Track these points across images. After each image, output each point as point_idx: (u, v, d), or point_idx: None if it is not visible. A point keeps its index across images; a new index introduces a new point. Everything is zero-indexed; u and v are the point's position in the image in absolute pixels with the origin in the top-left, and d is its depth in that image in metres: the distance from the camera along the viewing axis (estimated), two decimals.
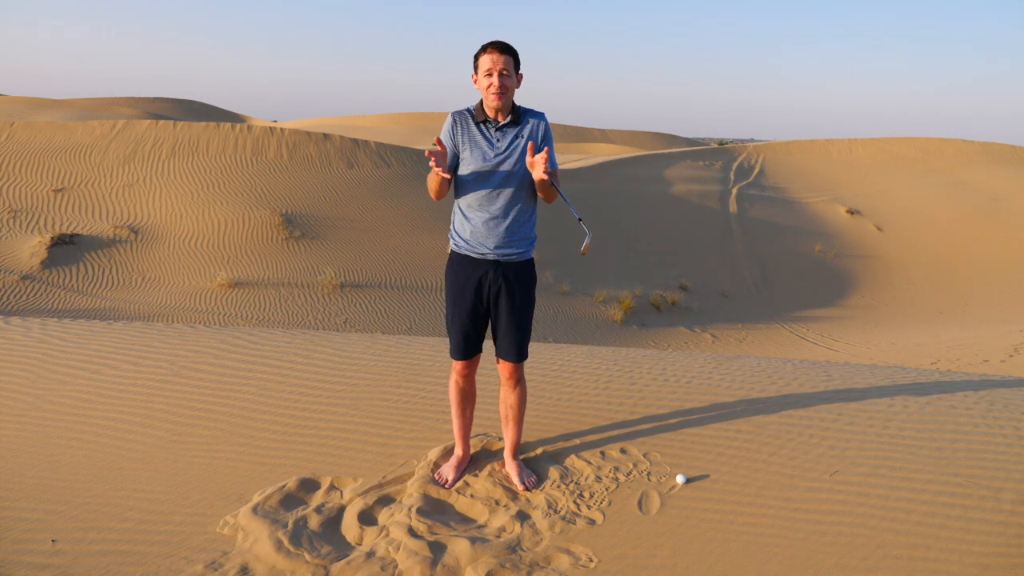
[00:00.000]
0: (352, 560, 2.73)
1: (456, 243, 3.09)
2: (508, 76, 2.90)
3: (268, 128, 20.04)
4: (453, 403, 3.23)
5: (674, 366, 4.51)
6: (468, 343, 3.12)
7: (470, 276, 3.05)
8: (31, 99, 55.88)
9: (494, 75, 2.88)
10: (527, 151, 2.92)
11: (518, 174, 2.98)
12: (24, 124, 19.41)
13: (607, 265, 18.39)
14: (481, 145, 2.98)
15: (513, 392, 3.17)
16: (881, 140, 37.44)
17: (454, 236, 3.11)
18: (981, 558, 2.66)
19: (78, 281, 13.44)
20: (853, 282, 21.17)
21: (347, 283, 14.45)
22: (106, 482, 3.25)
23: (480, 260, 3.03)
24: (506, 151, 2.98)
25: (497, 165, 2.97)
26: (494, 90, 2.89)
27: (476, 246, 3.02)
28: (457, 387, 3.21)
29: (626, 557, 2.74)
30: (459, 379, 3.19)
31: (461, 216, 3.06)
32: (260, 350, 4.66)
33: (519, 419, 3.21)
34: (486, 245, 3.01)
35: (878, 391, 4.09)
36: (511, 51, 2.91)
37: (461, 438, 3.25)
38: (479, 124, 3.00)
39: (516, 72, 2.94)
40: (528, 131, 2.99)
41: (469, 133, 3.00)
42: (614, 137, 71.10)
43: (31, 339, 4.88)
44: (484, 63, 2.90)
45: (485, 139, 2.98)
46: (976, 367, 11.58)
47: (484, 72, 2.91)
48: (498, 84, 2.88)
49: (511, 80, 2.92)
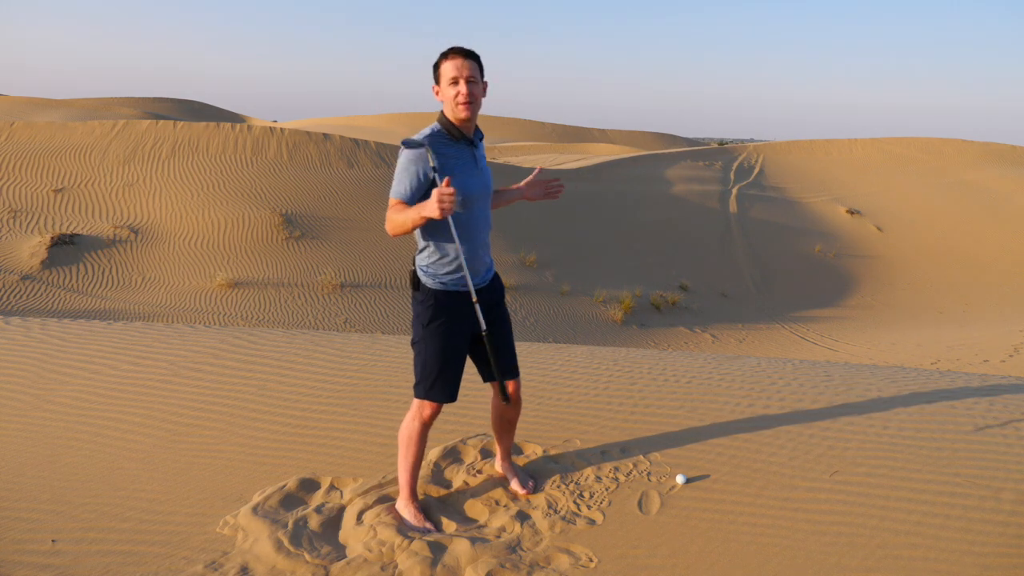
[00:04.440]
0: (352, 560, 2.73)
1: (441, 281, 2.76)
2: (475, 83, 2.62)
3: (268, 128, 20.04)
4: (412, 450, 2.88)
5: (674, 366, 4.51)
6: (457, 382, 2.85)
7: (463, 311, 2.78)
8: (31, 99, 55.89)
9: (461, 82, 2.59)
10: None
11: (490, 194, 2.81)
12: (24, 124, 19.41)
13: (607, 265, 18.39)
14: (462, 166, 2.67)
15: (515, 407, 3.09)
16: (881, 140, 37.44)
17: (432, 272, 2.76)
18: (981, 558, 2.66)
19: (78, 281, 13.44)
20: (853, 282, 21.17)
21: (347, 283, 14.45)
22: (106, 482, 3.25)
23: (467, 294, 2.76)
24: (482, 170, 2.77)
25: (482, 187, 2.74)
26: (463, 99, 2.60)
27: (465, 282, 2.75)
28: (422, 433, 2.88)
29: (626, 557, 2.74)
30: (428, 422, 2.88)
31: (439, 250, 2.73)
32: (260, 350, 4.66)
33: (514, 431, 3.19)
34: (478, 274, 2.79)
35: (878, 391, 4.09)
36: (475, 56, 2.64)
37: (412, 484, 2.94)
38: (456, 143, 2.68)
39: (482, 79, 2.66)
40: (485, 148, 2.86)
41: (449, 157, 2.65)
42: (614, 137, 71.09)
43: (31, 339, 4.88)
44: (448, 70, 2.60)
45: (465, 159, 2.69)
46: (976, 367, 11.58)
47: (448, 80, 2.61)
48: (467, 92, 2.59)
49: (478, 88, 2.64)
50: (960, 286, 21.41)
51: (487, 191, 2.79)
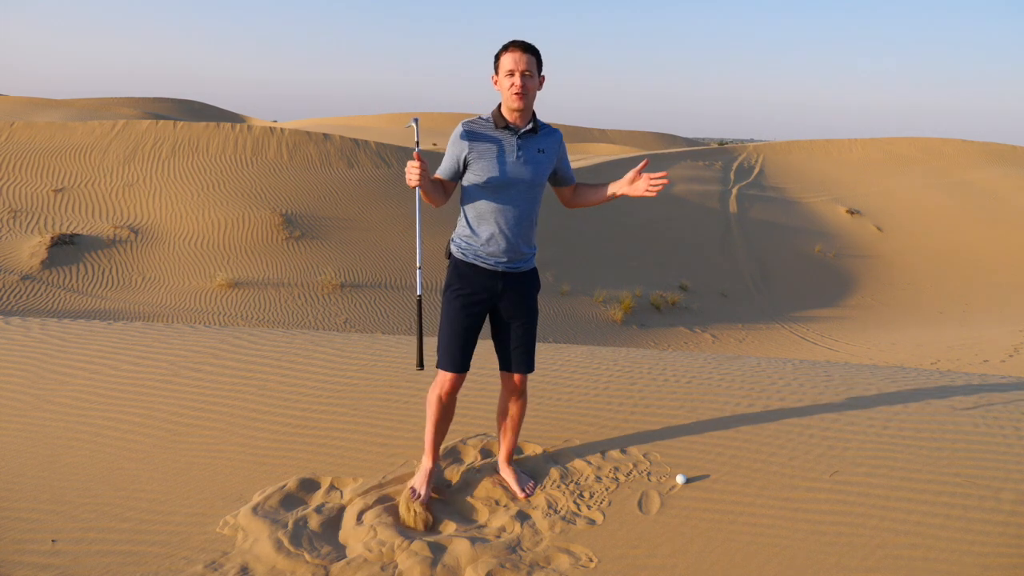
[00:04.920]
0: (352, 560, 2.73)
1: (463, 251, 2.96)
2: (531, 77, 2.78)
3: (268, 128, 20.05)
4: (430, 416, 3.05)
5: (674, 366, 4.51)
6: (466, 355, 2.97)
7: (477, 286, 2.93)
8: (31, 99, 55.91)
9: (516, 75, 2.77)
10: (547, 165, 2.90)
11: (533, 185, 2.89)
12: (24, 124, 19.41)
13: (607, 265, 18.39)
14: (498, 153, 2.85)
15: (517, 403, 3.12)
16: (881, 140, 37.46)
17: (460, 244, 2.97)
18: (981, 558, 2.66)
19: (78, 281, 13.44)
20: (853, 282, 21.18)
21: (347, 283, 14.45)
22: (106, 482, 3.25)
23: (490, 271, 2.92)
24: (525, 161, 2.87)
25: (515, 175, 2.85)
26: (516, 90, 2.77)
27: (486, 257, 2.91)
28: (440, 403, 3.01)
29: (626, 557, 2.74)
30: (443, 395, 3.00)
31: (468, 226, 2.93)
32: (260, 350, 4.66)
33: (518, 429, 3.19)
34: (496, 257, 2.91)
35: (878, 391, 4.09)
36: (534, 51, 2.80)
37: (433, 449, 3.10)
38: (499, 130, 2.87)
39: (539, 73, 2.83)
40: (550, 147, 2.92)
41: (484, 141, 2.85)
42: (614, 137, 71.11)
43: (31, 339, 4.88)
44: (506, 62, 2.78)
45: (504, 147, 2.86)
46: (976, 367, 11.58)
47: (506, 72, 2.79)
48: (520, 84, 2.76)
49: (533, 81, 2.80)
50: (960, 286, 21.41)
51: (523, 182, 2.87)
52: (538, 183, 2.91)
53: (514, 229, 2.90)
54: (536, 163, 2.88)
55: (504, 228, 2.88)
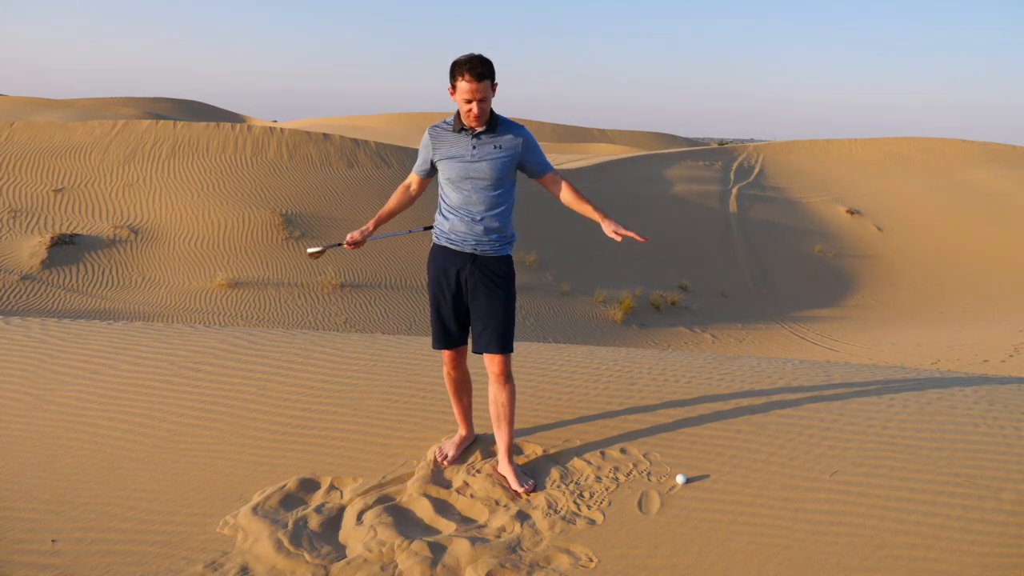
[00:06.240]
0: (352, 560, 2.73)
1: (436, 236, 3.26)
2: (485, 100, 3.02)
3: (268, 128, 20.04)
4: (448, 391, 3.41)
5: (674, 366, 4.51)
6: (446, 332, 3.25)
7: (449, 266, 3.19)
8: (31, 99, 55.91)
9: (473, 104, 3.00)
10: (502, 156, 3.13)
11: (492, 178, 3.12)
12: (24, 124, 19.41)
13: (607, 265, 18.39)
14: (457, 153, 3.14)
15: (503, 390, 3.16)
16: (881, 140, 37.44)
17: (435, 230, 3.27)
18: (981, 558, 2.66)
19: (78, 281, 13.44)
20: (853, 282, 21.18)
21: (347, 283, 14.46)
22: (106, 482, 3.25)
23: (458, 252, 3.17)
24: (481, 158, 3.11)
25: (472, 171, 3.12)
26: (473, 116, 3.03)
27: (455, 238, 3.17)
28: (449, 377, 3.35)
29: (626, 557, 2.74)
30: (449, 369, 3.33)
31: (440, 213, 3.24)
32: (260, 350, 4.66)
33: (510, 419, 3.19)
34: (463, 237, 3.17)
35: (878, 391, 4.09)
36: (487, 74, 2.98)
37: (463, 420, 3.41)
38: (457, 132, 3.15)
39: (492, 85, 3.04)
40: (508, 144, 3.12)
41: (446, 143, 3.16)
42: (614, 137, 71.09)
43: (31, 339, 4.88)
44: (462, 90, 2.99)
45: (462, 147, 3.14)
46: (976, 367, 11.58)
47: (463, 99, 3.01)
48: (477, 111, 3.01)
49: (487, 102, 3.04)
50: (960, 286, 21.41)
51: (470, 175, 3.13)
52: (497, 176, 3.12)
53: (476, 216, 3.14)
54: (492, 159, 3.11)
55: (467, 216, 3.15)
